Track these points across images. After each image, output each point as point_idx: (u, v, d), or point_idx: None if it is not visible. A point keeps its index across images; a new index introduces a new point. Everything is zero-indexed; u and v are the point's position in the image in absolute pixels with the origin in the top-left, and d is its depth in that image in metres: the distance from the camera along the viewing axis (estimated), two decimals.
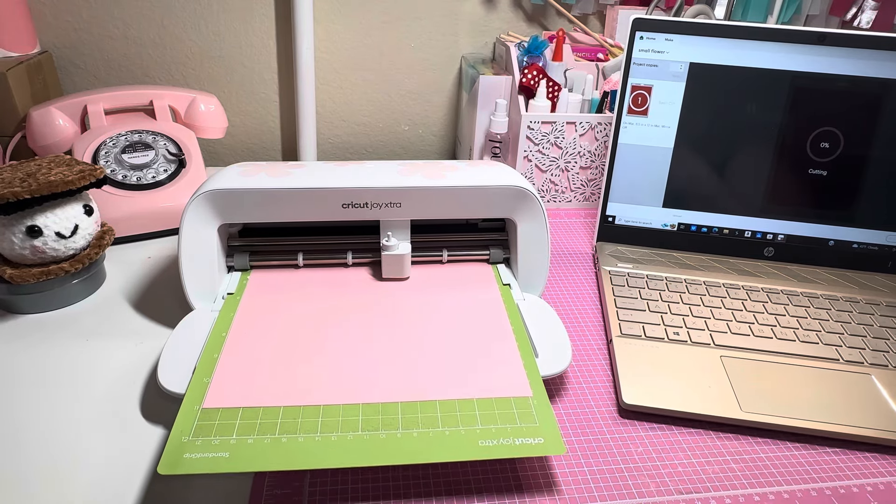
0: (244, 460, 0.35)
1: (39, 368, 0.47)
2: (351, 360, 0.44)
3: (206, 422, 0.38)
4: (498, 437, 0.38)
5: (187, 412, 0.38)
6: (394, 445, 0.37)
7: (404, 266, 0.53)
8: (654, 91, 0.63)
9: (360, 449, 0.37)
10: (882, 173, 0.61)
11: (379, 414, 0.39)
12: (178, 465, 0.35)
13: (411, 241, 0.56)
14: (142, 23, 0.81)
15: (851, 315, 0.56)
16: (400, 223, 0.54)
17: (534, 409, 0.40)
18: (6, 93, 0.69)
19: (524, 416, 0.40)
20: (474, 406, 0.40)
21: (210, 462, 0.35)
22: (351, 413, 0.39)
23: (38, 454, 0.40)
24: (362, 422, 0.38)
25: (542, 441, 0.38)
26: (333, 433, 0.38)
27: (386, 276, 0.53)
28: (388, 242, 0.52)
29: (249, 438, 0.37)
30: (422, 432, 0.38)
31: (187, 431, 0.37)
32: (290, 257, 0.54)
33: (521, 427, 0.39)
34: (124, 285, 0.58)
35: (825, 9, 0.92)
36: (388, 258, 0.53)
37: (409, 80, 0.91)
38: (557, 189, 0.78)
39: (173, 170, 0.68)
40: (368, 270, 0.55)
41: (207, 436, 0.37)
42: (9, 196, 0.47)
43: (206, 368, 0.42)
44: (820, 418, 0.45)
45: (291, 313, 0.48)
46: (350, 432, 0.38)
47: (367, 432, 0.38)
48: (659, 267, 0.62)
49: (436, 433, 0.38)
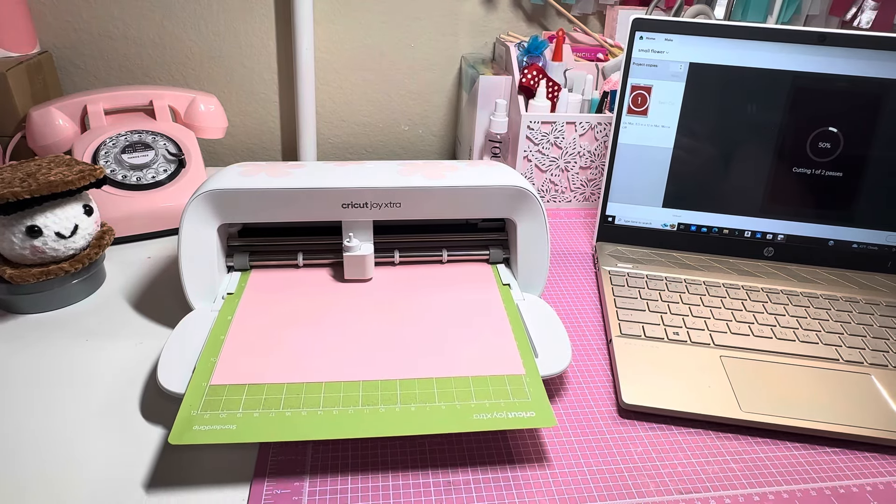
0: (250, 432, 0.37)
1: (39, 368, 0.47)
2: (352, 345, 0.45)
3: (214, 397, 0.40)
4: (491, 411, 0.39)
5: (196, 388, 0.40)
6: (392, 418, 0.39)
7: (366, 267, 0.53)
8: (653, 91, 0.63)
9: (360, 421, 0.39)
10: (882, 173, 0.61)
11: (378, 390, 0.41)
12: (187, 435, 0.37)
13: (411, 241, 0.56)
14: (142, 23, 0.81)
15: (851, 315, 0.56)
16: (362, 224, 0.53)
17: (526, 385, 0.42)
18: (6, 93, 0.69)
19: (517, 391, 0.41)
20: (469, 383, 0.42)
21: (218, 434, 0.37)
22: (352, 389, 0.41)
23: (38, 454, 0.40)
24: (362, 397, 0.40)
25: (533, 415, 0.39)
26: (335, 407, 0.39)
27: (348, 278, 0.53)
28: (349, 243, 0.52)
29: (255, 412, 0.39)
30: (419, 406, 0.40)
31: (196, 405, 0.39)
32: (289, 257, 0.54)
33: (513, 402, 0.40)
34: (124, 285, 0.58)
35: (825, 9, 0.92)
36: (350, 259, 0.52)
37: (409, 80, 0.91)
38: (557, 189, 0.78)
39: (173, 170, 0.68)
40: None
41: (215, 410, 0.39)
42: (9, 196, 0.47)
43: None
44: (820, 418, 0.45)
45: (290, 315, 0.49)
46: (351, 406, 0.40)
47: (367, 406, 0.40)
48: (659, 267, 0.62)
49: (432, 407, 0.40)
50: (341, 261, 0.55)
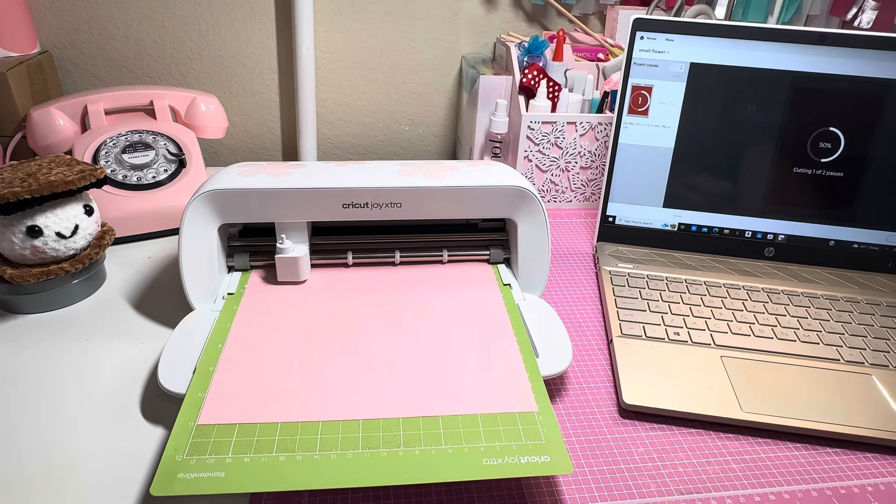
0: (241, 480, 0.34)
1: (39, 368, 0.47)
2: (351, 371, 0.43)
3: (202, 439, 0.36)
4: (503, 456, 0.37)
5: (182, 429, 0.37)
6: (395, 464, 0.36)
7: (299, 269, 0.51)
8: (654, 91, 0.63)
9: (360, 468, 0.36)
10: (883, 173, 0.61)
11: (380, 430, 0.38)
12: (171, 485, 0.34)
13: (411, 241, 0.56)
14: (142, 23, 0.81)
15: (852, 315, 0.56)
16: (296, 225, 0.52)
17: (539, 424, 0.39)
18: (6, 93, 0.69)
19: (529, 432, 0.38)
20: (478, 422, 0.39)
21: (205, 482, 0.34)
22: (351, 430, 0.38)
23: (38, 454, 0.40)
24: (362, 439, 0.37)
25: (548, 459, 0.37)
26: (333, 451, 0.36)
27: (281, 280, 0.52)
28: (281, 245, 0.50)
29: (246, 457, 0.36)
30: (424, 450, 0.37)
31: (182, 449, 0.36)
32: None
33: (526, 444, 0.37)
34: (124, 285, 0.58)
35: (825, 9, 0.92)
36: (282, 261, 0.51)
37: (409, 80, 0.91)
38: (558, 189, 0.78)
39: (173, 170, 0.68)
40: (369, 271, 0.55)
41: (202, 454, 0.35)
42: (9, 196, 0.47)
43: (203, 379, 0.41)
44: (820, 418, 0.45)
45: (291, 317, 0.48)
46: (350, 450, 0.37)
47: (367, 450, 0.37)
48: (659, 267, 0.62)
49: (438, 451, 0.37)
50: (342, 261, 0.55)
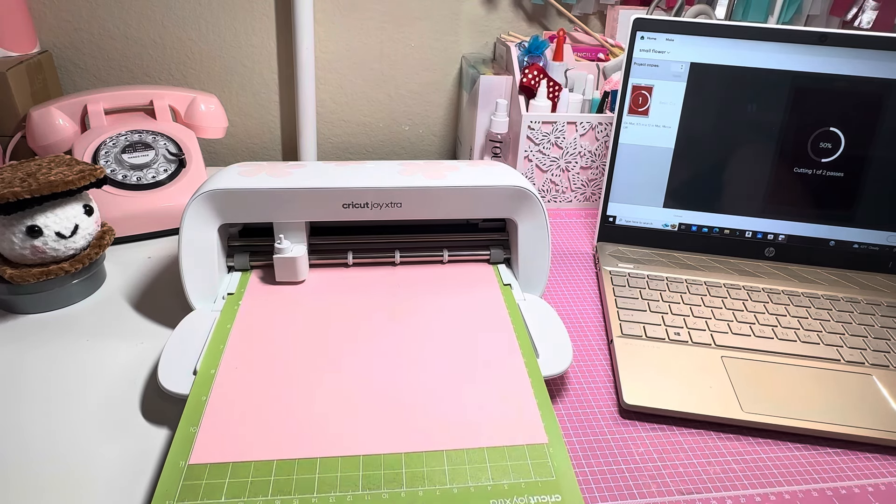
0: None
1: (40, 369, 0.47)
2: (351, 395, 0.41)
3: (193, 481, 0.35)
4: (511, 496, 0.35)
5: (172, 470, 0.36)
6: None
7: (297, 270, 0.51)
8: (654, 91, 0.63)
9: None
10: (883, 173, 0.61)
11: (381, 468, 0.36)
12: None
13: (412, 241, 0.56)
14: (142, 22, 0.81)
15: (852, 315, 0.56)
16: (295, 225, 0.52)
17: (550, 458, 0.37)
18: (6, 93, 0.69)
19: (539, 467, 0.37)
20: (485, 457, 0.37)
21: None
22: (350, 467, 0.36)
23: (38, 454, 0.40)
24: (363, 478, 0.36)
25: (559, 499, 0.35)
26: (332, 492, 0.35)
27: (279, 280, 0.52)
28: (279, 245, 0.50)
29: (240, 501, 0.34)
30: (427, 490, 0.35)
31: (172, 494, 0.34)
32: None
33: (536, 482, 0.36)
34: (124, 285, 0.58)
35: (826, 9, 0.92)
36: (280, 261, 0.51)
37: (409, 80, 0.91)
38: (558, 189, 0.78)
39: (173, 170, 0.67)
40: (369, 271, 0.55)
41: (194, 499, 0.34)
42: (9, 196, 0.47)
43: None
44: (821, 419, 0.45)
45: (290, 324, 0.48)
46: (350, 492, 0.35)
47: (367, 491, 0.35)
48: (660, 267, 0.62)
49: (443, 491, 0.35)
50: (342, 261, 0.55)
